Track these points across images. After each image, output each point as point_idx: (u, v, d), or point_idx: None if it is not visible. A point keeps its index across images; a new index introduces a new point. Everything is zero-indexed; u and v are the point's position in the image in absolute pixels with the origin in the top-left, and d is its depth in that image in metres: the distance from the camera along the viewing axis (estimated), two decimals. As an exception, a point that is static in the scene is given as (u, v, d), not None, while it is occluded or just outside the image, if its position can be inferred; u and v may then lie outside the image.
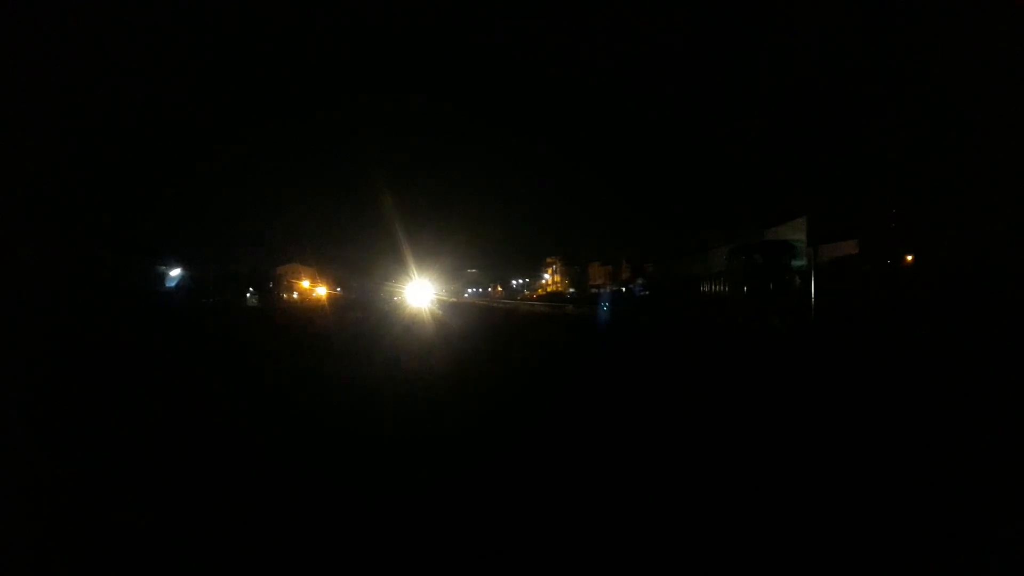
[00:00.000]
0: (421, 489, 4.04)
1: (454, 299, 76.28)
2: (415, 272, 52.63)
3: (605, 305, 41.29)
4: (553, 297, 67.92)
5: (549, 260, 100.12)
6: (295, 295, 70.70)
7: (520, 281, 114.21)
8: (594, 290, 67.82)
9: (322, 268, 72.39)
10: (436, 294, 56.77)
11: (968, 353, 10.84)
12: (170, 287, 46.09)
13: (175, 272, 47.31)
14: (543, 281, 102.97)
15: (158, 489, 4.12)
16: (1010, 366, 9.00)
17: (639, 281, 60.37)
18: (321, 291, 67.65)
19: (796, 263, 33.82)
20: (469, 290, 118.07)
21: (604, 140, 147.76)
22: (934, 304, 18.71)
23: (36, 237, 25.99)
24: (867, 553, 3.05)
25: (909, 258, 26.79)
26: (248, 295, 59.51)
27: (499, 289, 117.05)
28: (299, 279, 72.28)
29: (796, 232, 34.71)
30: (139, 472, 4.49)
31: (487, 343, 15.38)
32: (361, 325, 23.74)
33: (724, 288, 41.43)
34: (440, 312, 34.10)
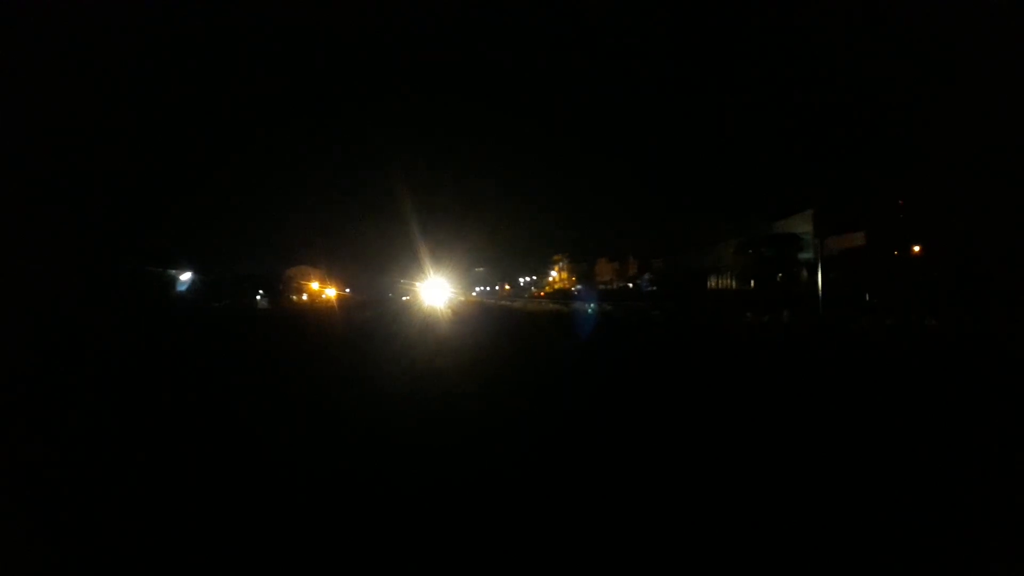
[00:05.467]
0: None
1: (462, 297, 76.39)
2: (424, 271, 52.62)
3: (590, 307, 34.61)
4: (561, 294, 67.97)
5: (556, 257, 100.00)
6: (304, 297, 71.06)
7: (527, 279, 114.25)
8: (601, 287, 67.80)
9: (331, 269, 72.73)
10: (452, 293, 55.82)
11: (978, 345, 10.88)
12: (181, 291, 46.49)
13: (185, 276, 47.68)
14: (550, 278, 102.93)
15: (183, 489, 4.24)
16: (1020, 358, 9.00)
17: (646, 276, 60.37)
18: (331, 292, 67.98)
19: (803, 255, 33.74)
20: (477, 288, 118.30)
21: (612, 136, 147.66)
22: (944, 295, 18.70)
23: (45, 243, 26.24)
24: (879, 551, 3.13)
25: (917, 248, 26.74)
26: (258, 298, 59.87)
27: (507, 287, 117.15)
28: (308, 280, 72.64)
29: (804, 224, 34.64)
30: (166, 474, 4.62)
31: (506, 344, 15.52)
32: (369, 327, 23.90)
33: (732, 282, 41.37)
34: (454, 314, 33.63)
